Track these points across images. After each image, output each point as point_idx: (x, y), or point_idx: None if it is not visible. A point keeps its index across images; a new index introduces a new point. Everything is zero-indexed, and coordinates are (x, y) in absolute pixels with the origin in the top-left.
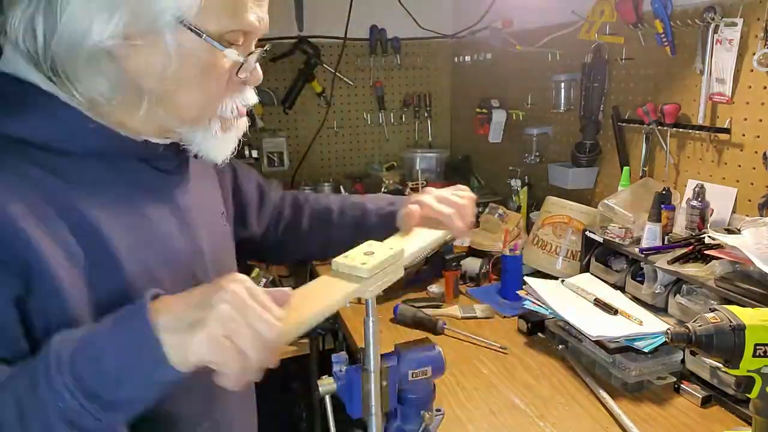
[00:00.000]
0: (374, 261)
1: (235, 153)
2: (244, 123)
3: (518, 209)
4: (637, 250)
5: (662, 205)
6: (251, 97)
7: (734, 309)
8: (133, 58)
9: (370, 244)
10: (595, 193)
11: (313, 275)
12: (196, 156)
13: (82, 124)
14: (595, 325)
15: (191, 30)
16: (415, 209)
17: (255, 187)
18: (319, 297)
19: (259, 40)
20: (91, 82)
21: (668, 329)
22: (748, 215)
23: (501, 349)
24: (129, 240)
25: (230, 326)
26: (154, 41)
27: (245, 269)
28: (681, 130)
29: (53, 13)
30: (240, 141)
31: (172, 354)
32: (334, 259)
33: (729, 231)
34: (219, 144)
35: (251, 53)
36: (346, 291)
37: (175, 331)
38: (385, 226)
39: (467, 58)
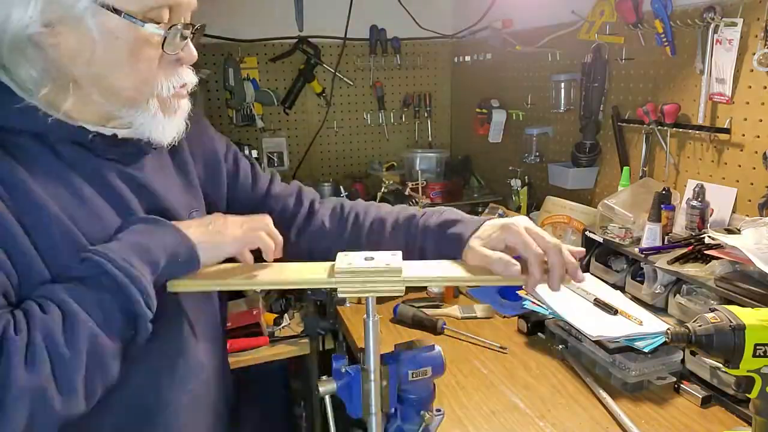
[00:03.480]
0: (350, 267)
1: (181, 135)
2: (186, 104)
3: (518, 209)
4: (637, 250)
5: (662, 205)
6: (189, 77)
7: (734, 309)
8: (59, 45)
9: (383, 253)
10: (595, 193)
11: None
12: (147, 142)
13: (7, 104)
14: (595, 325)
15: (110, 10)
16: (492, 256)
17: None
18: (289, 273)
19: (260, 39)
20: (19, 71)
21: (668, 329)
22: (748, 215)
23: (501, 349)
24: (59, 210)
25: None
26: (76, 26)
27: None
28: (681, 130)
29: None
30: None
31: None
32: (340, 252)
33: (729, 231)
34: (162, 125)
35: (172, 26)
36: (309, 279)
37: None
38: (445, 250)
39: (467, 58)
